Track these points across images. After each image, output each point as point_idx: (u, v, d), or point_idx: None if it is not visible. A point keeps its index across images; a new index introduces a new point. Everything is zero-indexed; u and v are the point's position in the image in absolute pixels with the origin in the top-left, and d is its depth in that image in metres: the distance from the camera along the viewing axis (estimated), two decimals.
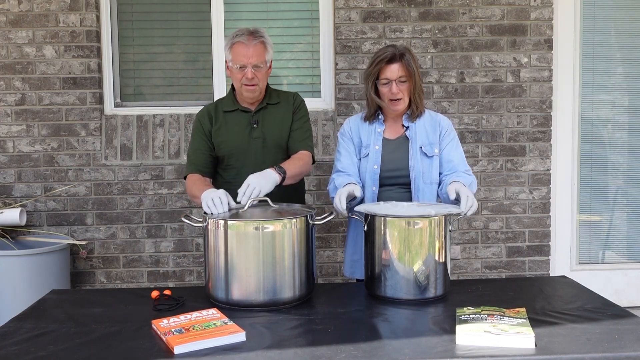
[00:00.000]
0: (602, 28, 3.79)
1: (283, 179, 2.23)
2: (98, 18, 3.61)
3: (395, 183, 2.39)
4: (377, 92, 2.39)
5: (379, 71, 2.33)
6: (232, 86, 2.57)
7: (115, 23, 3.71)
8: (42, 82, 3.55)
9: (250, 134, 2.49)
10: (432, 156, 2.39)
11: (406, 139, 2.42)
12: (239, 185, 2.47)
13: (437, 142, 2.41)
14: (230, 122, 2.51)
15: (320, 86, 3.75)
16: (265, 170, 2.21)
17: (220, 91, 3.70)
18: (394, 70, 2.31)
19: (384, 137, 2.44)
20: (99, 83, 3.60)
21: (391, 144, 2.41)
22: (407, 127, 2.43)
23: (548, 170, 3.71)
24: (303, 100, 2.61)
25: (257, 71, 2.39)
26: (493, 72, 3.64)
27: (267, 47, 2.41)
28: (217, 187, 2.56)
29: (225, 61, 2.48)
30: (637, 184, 3.90)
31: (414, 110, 2.41)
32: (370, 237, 2.06)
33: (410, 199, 2.39)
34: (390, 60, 2.31)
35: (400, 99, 2.35)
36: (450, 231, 2.06)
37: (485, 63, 3.63)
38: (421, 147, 2.39)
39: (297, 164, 2.38)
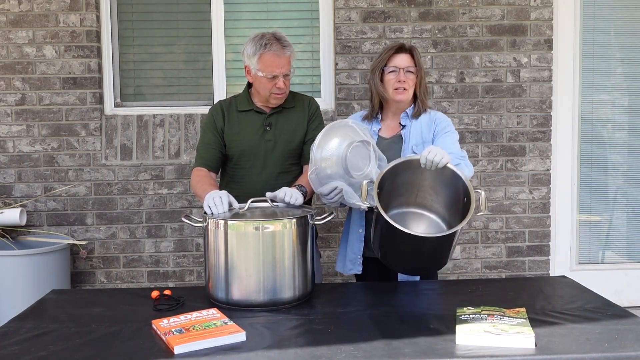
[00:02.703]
0: (602, 28, 3.79)
1: (304, 196, 2.28)
2: (98, 18, 3.61)
3: None
4: (381, 78, 2.39)
5: (387, 59, 2.36)
6: (248, 84, 2.56)
7: (115, 23, 3.71)
8: (42, 82, 3.55)
9: (262, 136, 2.49)
10: None
11: (400, 138, 2.41)
12: (246, 185, 2.50)
13: (430, 140, 2.39)
14: (244, 122, 2.51)
15: (320, 86, 3.75)
16: (290, 188, 2.26)
17: (220, 91, 3.71)
18: (402, 59, 2.36)
19: (379, 136, 2.44)
20: (99, 83, 3.60)
21: (385, 143, 2.40)
22: (404, 126, 2.42)
23: (548, 170, 3.71)
24: (318, 106, 2.62)
25: (285, 79, 2.41)
26: (493, 72, 3.64)
27: (293, 54, 2.43)
28: (224, 185, 2.58)
29: (246, 67, 2.44)
30: (637, 184, 3.90)
31: (420, 108, 2.41)
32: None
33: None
34: (400, 49, 2.36)
35: (406, 89, 2.35)
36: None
37: (485, 63, 3.63)
38: (413, 147, 2.38)
39: None
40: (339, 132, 2.19)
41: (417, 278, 2.38)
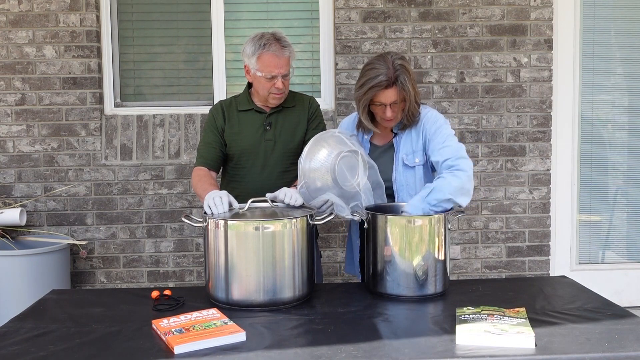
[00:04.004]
0: (602, 28, 3.79)
1: None
2: (98, 18, 3.61)
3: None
4: (368, 109, 2.27)
5: (372, 96, 2.19)
6: (248, 84, 2.56)
7: (115, 23, 3.71)
8: (42, 82, 3.55)
9: (263, 136, 2.50)
10: (413, 167, 2.30)
11: (392, 146, 2.35)
12: (246, 185, 2.50)
13: (420, 150, 2.30)
14: (244, 121, 2.51)
15: (320, 86, 3.75)
16: (290, 188, 2.24)
17: (220, 91, 3.71)
18: (388, 96, 2.18)
19: (371, 143, 2.39)
20: (99, 83, 3.60)
21: (378, 151, 2.36)
22: (395, 134, 2.35)
23: (548, 170, 3.71)
24: (319, 106, 2.61)
25: (284, 80, 2.40)
26: (493, 72, 3.64)
27: (293, 54, 2.42)
28: (225, 184, 2.59)
29: (246, 66, 2.43)
30: (637, 184, 3.90)
31: (406, 125, 2.30)
32: (371, 236, 2.07)
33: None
34: (386, 87, 2.16)
35: (392, 119, 2.25)
36: (449, 230, 2.07)
37: (485, 63, 3.63)
38: (403, 157, 2.31)
39: None
40: (326, 143, 2.17)
41: None
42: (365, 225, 2.09)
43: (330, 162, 2.13)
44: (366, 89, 2.18)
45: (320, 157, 2.14)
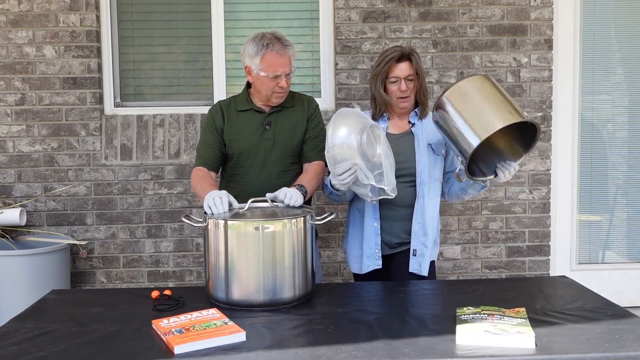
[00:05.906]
0: (602, 28, 3.79)
1: (304, 196, 2.27)
2: (98, 18, 3.61)
3: (400, 175, 2.39)
4: (385, 91, 2.45)
5: (388, 69, 2.40)
6: (247, 84, 2.56)
7: (115, 23, 3.71)
8: (42, 82, 3.55)
9: (262, 135, 2.50)
10: (439, 155, 2.47)
11: (410, 134, 2.48)
12: (246, 185, 2.50)
13: (443, 144, 2.49)
14: (243, 121, 2.52)
15: (320, 86, 3.75)
16: (290, 188, 2.25)
17: (220, 91, 3.71)
18: (402, 69, 2.40)
19: (387, 132, 2.48)
20: (99, 83, 3.60)
21: (394, 138, 2.45)
22: (413, 124, 2.49)
23: (548, 170, 3.71)
24: (318, 105, 2.62)
25: (287, 78, 2.42)
26: (493, 72, 3.64)
27: (294, 53, 2.44)
28: (224, 184, 2.59)
29: (247, 67, 2.44)
30: (637, 184, 3.90)
31: (422, 110, 2.49)
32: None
33: (415, 193, 2.43)
34: (399, 59, 2.39)
35: (408, 96, 2.42)
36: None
37: (485, 63, 3.63)
38: (430, 144, 2.46)
39: (314, 179, 2.42)
40: (346, 121, 2.22)
41: (425, 272, 2.46)
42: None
43: (351, 140, 2.18)
44: (383, 64, 2.40)
45: (340, 134, 2.18)
